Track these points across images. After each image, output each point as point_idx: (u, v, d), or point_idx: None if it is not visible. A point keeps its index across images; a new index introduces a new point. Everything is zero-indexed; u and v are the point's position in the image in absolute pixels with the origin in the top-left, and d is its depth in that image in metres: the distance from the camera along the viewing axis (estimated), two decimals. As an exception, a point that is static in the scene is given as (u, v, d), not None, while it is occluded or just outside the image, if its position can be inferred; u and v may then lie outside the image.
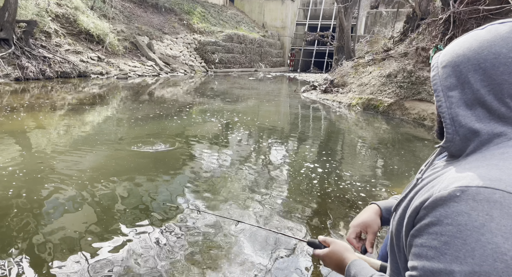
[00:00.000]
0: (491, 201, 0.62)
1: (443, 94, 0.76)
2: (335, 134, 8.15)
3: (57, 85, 12.67)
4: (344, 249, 1.01)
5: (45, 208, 3.45)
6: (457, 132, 0.74)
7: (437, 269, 0.64)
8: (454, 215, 0.64)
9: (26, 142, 5.72)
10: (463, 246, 0.62)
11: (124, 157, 5.10)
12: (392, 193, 4.31)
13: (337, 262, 0.98)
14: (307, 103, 12.50)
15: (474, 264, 0.60)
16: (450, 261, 0.62)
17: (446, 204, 0.66)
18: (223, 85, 17.80)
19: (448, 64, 0.77)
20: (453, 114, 0.74)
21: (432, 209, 0.68)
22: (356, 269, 0.89)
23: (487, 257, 0.59)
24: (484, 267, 0.59)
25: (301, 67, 33.36)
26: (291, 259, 2.81)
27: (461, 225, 0.63)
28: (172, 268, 2.59)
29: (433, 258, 0.65)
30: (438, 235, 0.65)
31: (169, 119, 8.09)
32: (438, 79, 0.78)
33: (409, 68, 9.93)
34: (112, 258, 2.68)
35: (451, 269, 0.62)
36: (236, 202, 3.78)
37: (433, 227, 0.67)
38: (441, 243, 0.64)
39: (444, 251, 0.63)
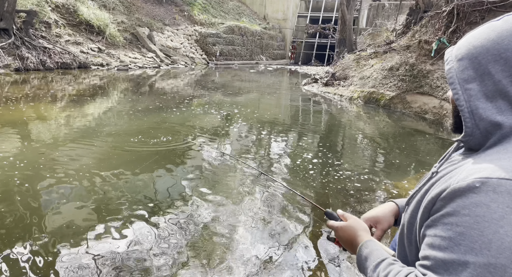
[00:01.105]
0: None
1: (460, 87, 0.73)
2: (336, 128, 8.14)
3: (58, 76, 12.62)
4: (362, 227, 0.98)
5: (46, 199, 3.46)
6: (477, 126, 0.72)
7: (449, 260, 0.62)
8: (472, 206, 0.62)
9: (27, 133, 5.71)
10: (480, 237, 0.60)
11: (125, 149, 5.10)
12: (392, 186, 4.32)
13: (350, 237, 0.96)
14: (308, 96, 12.46)
15: (490, 256, 0.58)
16: (464, 252, 0.61)
17: (464, 195, 0.64)
18: (224, 77, 17.73)
19: (465, 57, 0.75)
20: (472, 107, 0.71)
21: (449, 200, 0.67)
22: (369, 249, 0.87)
23: (505, 249, 0.58)
24: (500, 260, 0.58)
25: (302, 59, 33.17)
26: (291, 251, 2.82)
27: (479, 216, 0.61)
28: (175, 256, 2.60)
29: (446, 248, 0.63)
30: (454, 225, 0.64)
31: (169, 111, 8.07)
32: (454, 72, 0.76)
33: (411, 61, 9.87)
34: (114, 247, 2.69)
35: (465, 260, 0.60)
36: (234, 192, 3.79)
37: (449, 218, 0.65)
38: (456, 233, 0.63)
39: (459, 242, 0.62)
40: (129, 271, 2.44)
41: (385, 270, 0.77)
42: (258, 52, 29.49)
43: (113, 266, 2.48)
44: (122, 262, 2.54)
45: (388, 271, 0.76)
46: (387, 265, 0.78)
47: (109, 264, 2.50)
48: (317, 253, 2.82)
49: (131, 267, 2.48)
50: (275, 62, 30.80)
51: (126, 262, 2.53)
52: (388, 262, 0.80)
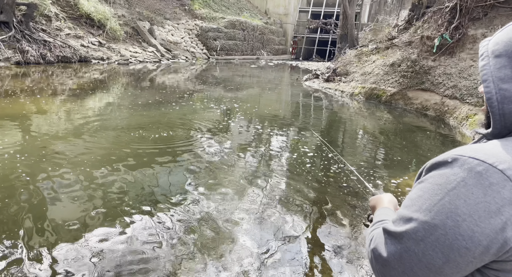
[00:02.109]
0: (473, 171, 0.65)
1: (494, 86, 0.70)
2: (337, 124, 8.12)
3: (58, 69, 12.58)
4: (388, 199, 1.06)
5: (46, 192, 3.46)
6: (507, 128, 0.72)
7: (403, 215, 0.72)
8: (437, 176, 0.70)
9: (27, 127, 5.70)
10: (428, 200, 0.68)
11: (125, 143, 5.09)
12: (393, 182, 4.32)
13: (374, 205, 1.06)
14: (309, 91, 12.43)
15: (429, 216, 0.67)
16: (414, 210, 0.70)
17: (437, 167, 0.72)
18: (224, 72, 17.67)
19: (504, 54, 0.71)
20: (505, 110, 0.69)
21: (427, 171, 0.74)
22: (379, 213, 0.97)
23: (442, 213, 0.66)
24: (435, 221, 0.66)
25: (303, 55, 33.05)
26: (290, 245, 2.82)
27: (437, 184, 0.69)
28: (177, 249, 2.61)
29: (406, 206, 0.73)
30: (418, 190, 0.72)
31: (170, 106, 8.05)
32: (489, 69, 0.72)
33: (413, 57, 9.83)
34: (114, 240, 2.69)
35: (411, 216, 0.70)
36: (235, 187, 3.79)
37: (420, 184, 0.73)
38: (417, 196, 0.72)
39: (415, 202, 0.71)
40: (129, 263, 2.45)
41: (377, 225, 0.87)
42: (259, 47, 29.37)
43: (113, 259, 2.49)
44: (122, 255, 2.54)
45: (378, 226, 0.86)
46: (380, 224, 0.87)
47: (108, 257, 2.51)
48: (318, 247, 2.83)
49: (131, 260, 2.48)
50: (276, 57, 30.69)
51: (126, 255, 2.54)
52: (384, 221, 0.88)
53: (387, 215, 0.94)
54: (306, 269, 2.56)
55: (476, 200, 0.63)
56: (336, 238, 3.01)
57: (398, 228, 0.71)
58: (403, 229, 0.70)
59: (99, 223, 2.95)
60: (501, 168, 0.64)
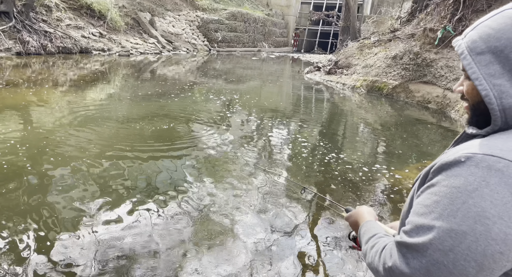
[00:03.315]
0: (492, 169, 0.62)
1: (487, 83, 0.69)
2: (338, 116, 8.12)
3: (59, 60, 12.54)
4: (366, 211, 1.03)
5: (49, 182, 3.48)
6: (507, 123, 0.70)
7: (421, 224, 0.67)
8: (452, 178, 0.65)
9: (29, 117, 5.71)
10: (449, 205, 0.64)
11: (126, 134, 5.10)
12: (394, 175, 4.33)
13: (355, 221, 1.02)
14: (310, 84, 12.39)
15: (454, 222, 0.62)
16: (434, 218, 0.65)
17: (449, 168, 0.67)
18: (225, 64, 17.60)
19: (486, 50, 0.71)
20: (505, 105, 0.68)
21: (437, 173, 0.70)
22: (366, 228, 0.92)
23: (469, 218, 0.61)
24: (462, 227, 0.61)
25: (305, 47, 32.84)
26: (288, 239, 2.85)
27: (455, 187, 0.64)
28: (177, 242, 2.64)
29: (422, 214, 0.68)
30: (433, 194, 0.68)
31: (171, 98, 8.04)
32: (475, 67, 0.71)
33: (415, 50, 9.77)
34: (114, 230, 2.72)
35: (432, 225, 0.65)
36: (239, 180, 3.81)
37: (432, 188, 0.69)
38: (433, 201, 0.67)
39: (433, 209, 0.66)
40: (130, 253, 2.47)
41: (374, 241, 0.82)
42: (260, 39, 29.19)
43: (114, 249, 2.51)
44: (122, 245, 2.57)
45: (375, 242, 0.82)
46: (376, 238, 0.83)
47: (109, 248, 2.53)
48: (316, 240, 2.85)
49: (132, 250, 2.51)
50: (278, 49, 30.52)
51: (127, 246, 2.56)
52: (379, 236, 0.85)
53: (375, 228, 0.90)
54: (308, 259, 2.59)
55: (503, 199, 0.60)
56: (335, 230, 3.03)
57: (418, 239, 0.66)
58: (426, 240, 0.64)
59: (98, 213, 2.98)
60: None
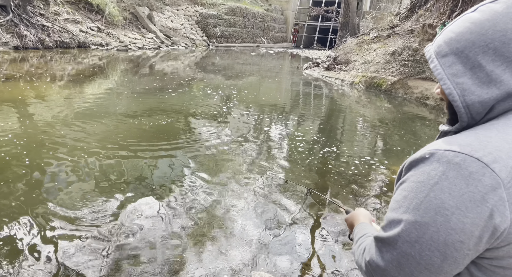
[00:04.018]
0: (451, 163, 0.66)
1: (450, 82, 0.74)
2: (337, 113, 8.12)
3: (57, 55, 12.48)
4: (363, 214, 1.08)
5: (47, 176, 3.49)
6: (474, 119, 0.74)
7: (392, 218, 0.72)
8: (418, 174, 0.70)
9: (27, 112, 5.70)
10: (414, 199, 0.68)
11: (124, 129, 5.10)
12: (391, 171, 4.35)
13: (351, 223, 1.07)
14: (309, 80, 12.38)
15: (418, 215, 0.67)
16: (402, 212, 0.70)
17: (416, 165, 0.72)
18: (224, 60, 17.55)
19: (449, 52, 0.75)
20: (468, 102, 0.72)
21: (407, 170, 0.75)
22: (358, 229, 0.97)
23: (430, 210, 0.66)
24: (425, 218, 0.66)
25: (304, 43, 32.73)
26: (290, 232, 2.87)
27: (419, 182, 0.69)
28: (175, 236, 2.65)
29: (393, 209, 0.73)
30: (403, 190, 0.72)
31: (169, 93, 8.03)
32: (440, 68, 0.76)
33: (414, 46, 9.76)
34: (112, 226, 2.73)
35: (400, 218, 0.69)
36: (237, 175, 3.82)
37: (402, 184, 0.74)
38: (402, 197, 0.71)
39: (401, 204, 0.71)
40: (128, 248, 2.49)
41: (362, 240, 0.87)
42: (259, 35, 29.08)
43: (110, 243, 2.52)
44: (119, 239, 2.58)
45: (363, 241, 0.86)
46: (365, 237, 0.88)
47: (106, 241, 2.54)
48: (313, 236, 2.87)
49: (131, 245, 2.52)
50: (277, 45, 30.42)
51: (123, 240, 2.58)
52: (367, 235, 0.89)
53: (366, 229, 0.94)
54: (305, 254, 2.60)
55: (460, 191, 0.64)
56: (333, 225, 3.05)
57: (389, 233, 0.71)
58: (395, 233, 0.69)
59: (95, 207, 2.98)
60: (477, 156, 0.65)
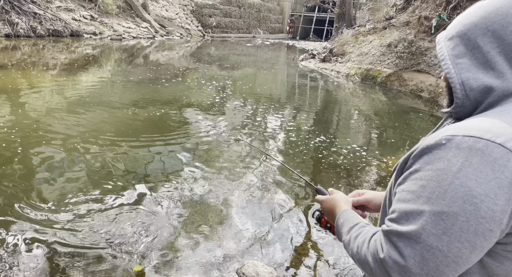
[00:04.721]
0: (473, 149, 0.63)
1: (451, 62, 0.76)
2: (332, 104, 8.12)
3: (49, 43, 12.29)
4: (343, 199, 1.01)
5: (39, 165, 3.46)
6: (468, 96, 0.74)
7: (409, 210, 0.67)
8: (436, 161, 0.66)
9: (18, 101, 5.62)
10: (437, 188, 0.64)
11: (118, 120, 5.06)
12: (385, 163, 4.37)
13: (331, 208, 1.00)
14: (305, 72, 12.34)
15: (444, 205, 0.63)
16: (423, 203, 0.65)
17: (431, 152, 0.68)
18: (220, 50, 17.41)
19: (455, 35, 0.78)
20: (463, 78, 0.74)
21: (418, 157, 0.70)
22: (345, 217, 0.91)
23: (458, 199, 0.62)
24: (453, 208, 0.62)
25: (300, 34, 32.55)
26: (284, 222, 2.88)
27: (439, 169, 0.65)
28: (171, 226, 2.65)
29: (409, 200, 0.68)
30: (418, 180, 0.68)
31: (164, 84, 7.96)
32: (445, 49, 0.79)
33: (410, 38, 9.74)
34: (105, 215, 2.72)
35: (422, 209, 0.65)
36: (232, 166, 3.81)
37: (416, 174, 0.69)
38: (419, 186, 0.67)
39: (420, 194, 0.66)
40: (123, 238, 2.49)
41: (357, 231, 0.82)
42: (255, 25, 28.84)
43: (107, 232, 2.52)
44: (113, 228, 2.58)
45: (359, 232, 0.81)
46: (359, 227, 0.83)
47: (101, 231, 2.54)
48: (308, 225, 2.89)
49: (125, 235, 2.52)
50: (273, 36, 30.22)
51: (118, 229, 2.57)
52: (361, 225, 0.85)
53: (355, 218, 0.89)
54: (298, 243, 2.62)
55: (487, 178, 0.61)
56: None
57: (409, 226, 0.65)
58: (418, 226, 0.64)
59: (89, 197, 2.97)
60: (500, 142, 0.63)
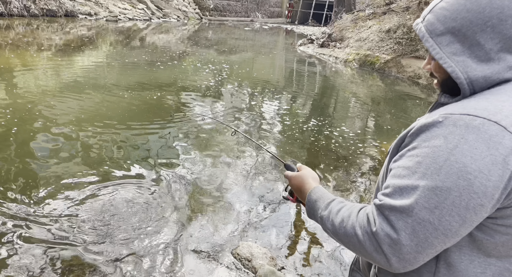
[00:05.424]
0: (469, 127, 0.64)
1: (451, 61, 0.73)
2: (329, 90, 8.10)
3: (43, 23, 12.05)
4: (310, 175, 1.01)
5: (36, 148, 3.44)
6: (475, 92, 0.74)
7: (404, 185, 0.68)
8: (432, 138, 0.67)
9: (12, 81, 5.55)
10: (432, 164, 0.65)
11: (114, 103, 5.02)
12: (380, 149, 4.40)
13: (300, 184, 1.00)
14: (303, 57, 12.23)
15: (438, 180, 0.64)
16: (417, 178, 0.66)
17: (428, 130, 0.69)
18: (217, 34, 17.18)
19: (445, 31, 0.74)
20: (472, 78, 0.72)
21: (415, 136, 0.71)
22: (320, 193, 0.91)
23: (452, 174, 0.63)
24: (446, 183, 0.63)
25: (299, 19, 32.12)
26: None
27: (435, 146, 0.66)
28: (167, 210, 2.67)
29: (404, 176, 0.69)
30: (414, 156, 0.69)
31: (160, 67, 7.88)
32: (438, 48, 0.75)
33: (409, 24, 9.65)
34: (100, 197, 2.74)
35: (416, 184, 0.66)
36: (225, 152, 3.82)
37: (412, 151, 0.70)
38: (415, 163, 0.68)
39: (415, 170, 0.67)
40: (120, 221, 2.50)
41: (338, 205, 0.82)
42: (253, 9, 28.40)
43: (104, 215, 2.54)
44: (110, 210, 2.59)
45: (341, 206, 0.81)
46: (339, 202, 0.83)
47: (99, 214, 2.56)
48: (300, 207, 2.92)
49: (122, 218, 2.54)
50: (271, 20, 29.81)
51: (115, 211, 2.59)
52: (340, 200, 0.85)
53: (330, 194, 0.89)
54: (292, 226, 2.66)
55: (482, 154, 0.62)
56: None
57: (403, 200, 0.66)
58: (411, 200, 0.65)
59: (85, 182, 2.98)
60: (495, 120, 0.64)
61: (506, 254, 0.70)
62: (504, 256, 0.70)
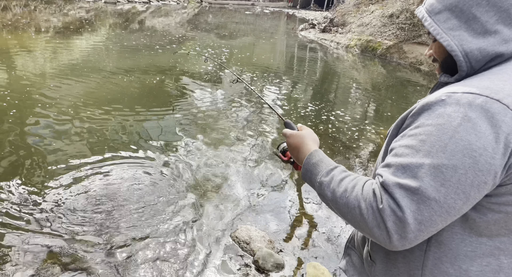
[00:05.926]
0: (472, 105, 0.65)
1: (447, 35, 0.75)
2: (330, 76, 8.03)
3: (41, 5, 11.86)
4: (312, 138, 0.97)
5: (34, 130, 3.44)
6: (473, 68, 0.74)
7: (408, 163, 0.67)
8: (436, 117, 0.67)
9: (10, 63, 5.50)
10: (437, 142, 0.65)
11: (113, 86, 4.98)
12: (380, 135, 4.39)
13: (298, 144, 0.95)
14: (304, 42, 12.09)
15: (444, 157, 0.64)
16: (422, 156, 0.66)
17: (431, 108, 0.69)
18: (217, 18, 16.93)
19: (443, 9, 0.77)
20: (466, 50, 0.73)
21: (418, 115, 0.71)
22: (320, 157, 0.87)
23: (458, 152, 0.63)
24: (452, 161, 0.63)
25: (301, 3, 31.58)
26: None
27: (439, 124, 0.66)
28: (169, 194, 2.68)
29: (407, 154, 0.68)
30: (417, 135, 0.68)
31: (160, 51, 7.79)
32: (435, 25, 0.77)
33: (412, 8, 9.50)
34: (100, 181, 2.75)
35: (421, 162, 0.65)
36: (226, 137, 3.82)
37: (415, 130, 0.70)
38: (418, 141, 0.67)
39: (419, 148, 0.67)
40: (122, 200, 2.52)
41: (341, 174, 0.79)
42: (255, -8, 27.91)
43: (101, 201, 2.55)
44: (108, 193, 2.61)
45: (344, 175, 0.78)
46: (342, 171, 0.80)
47: (98, 199, 2.57)
48: (301, 194, 2.94)
49: (123, 198, 2.55)
50: (273, 4, 29.34)
51: (118, 197, 2.60)
52: (342, 169, 0.82)
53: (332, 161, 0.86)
54: (290, 211, 2.68)
55: (486, 132, 0.63)
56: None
57: (408, 179, 0.65)
58: (417, 178, 0.64)
59: (87, 167, 2.98)
60: (498, 98, 0.64)
61: (497, 233, 0.71)
62: (495, 235, 0.71)
